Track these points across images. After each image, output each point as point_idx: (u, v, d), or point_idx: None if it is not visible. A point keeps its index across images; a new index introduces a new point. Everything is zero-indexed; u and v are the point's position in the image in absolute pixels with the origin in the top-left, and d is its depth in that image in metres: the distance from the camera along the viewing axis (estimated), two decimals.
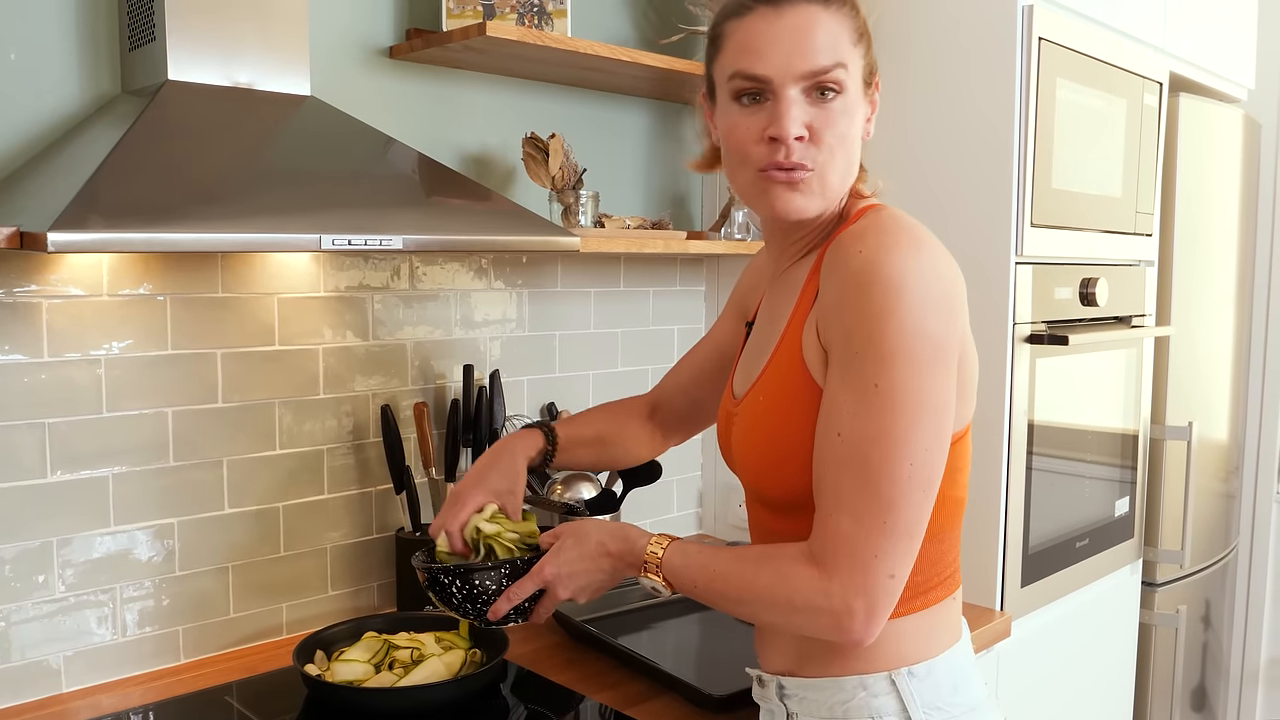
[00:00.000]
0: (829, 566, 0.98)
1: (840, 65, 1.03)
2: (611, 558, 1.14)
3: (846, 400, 0.97)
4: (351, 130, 1.51)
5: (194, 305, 1.57)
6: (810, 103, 1.04)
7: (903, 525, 0.97)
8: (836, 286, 1.00)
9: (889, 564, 0.97)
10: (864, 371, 0.96)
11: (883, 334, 0.95)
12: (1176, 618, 2.48)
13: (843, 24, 1.05)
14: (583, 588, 1.16)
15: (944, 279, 0.99)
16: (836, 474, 0.98)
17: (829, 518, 0.98)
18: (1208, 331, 2.62)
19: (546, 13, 1.78)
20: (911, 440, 0.96)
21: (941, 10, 1.91)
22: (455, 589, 1.20)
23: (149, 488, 1.54)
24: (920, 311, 0.95)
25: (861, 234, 1.01)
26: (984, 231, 1.87)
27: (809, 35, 1.03)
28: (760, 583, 1.02)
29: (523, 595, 1.17)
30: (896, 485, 0.96)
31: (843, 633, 0.99)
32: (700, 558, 1.08)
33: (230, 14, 1.42)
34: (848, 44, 1.05)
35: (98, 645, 1.51)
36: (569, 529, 1.19)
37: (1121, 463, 2.29)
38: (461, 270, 1.89)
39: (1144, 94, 2.19)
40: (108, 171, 1.18)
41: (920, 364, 0.96)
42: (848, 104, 1.05)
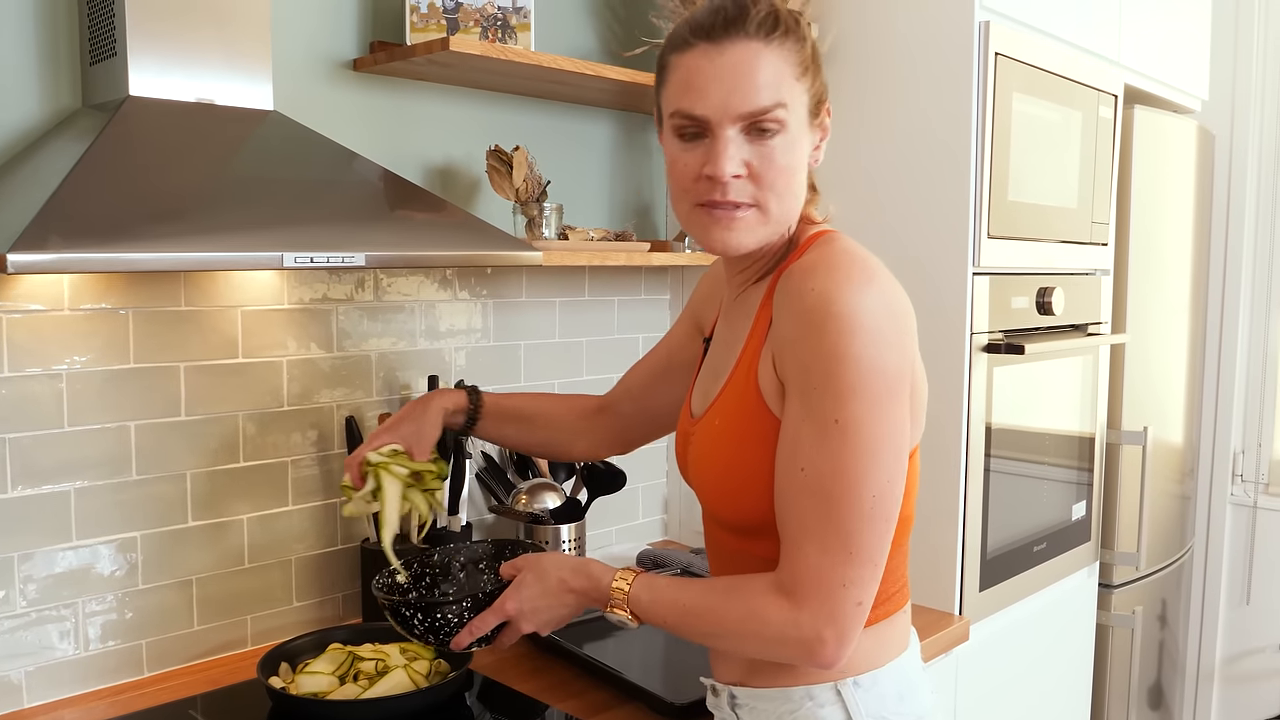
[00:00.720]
0: (798, 597, 1.00)
1: (780, 105, 1.03)
2: (575, 594, 1.16)
3: (807, 435, 0.99)
4: (314, 145, 1.52)
5: (156, 319, 1.57)
6: (750, 140, 1.04)
7: (867, 554, 0.99)
8: (790, 322, 1.01)
9: (855, 592, 0.99)
10: (823, 407, 0.98)
11: (839, 371, 0.97)
12: (1133, 618, 2.53)
13: (785, 59, 1.04)
14: (545, 622, 1.18)
15: (895, 312, 1.01)
16: (801, 506, 1.00)
17: (796, 550, 1.00)
18: (1162, 338, 2.67)
19: (510, 26, 1.79)
20: (872, 473, 0.98)
21: (899, 26, 1.94)
22: (417, 621, 1.22)
23: (111, 502, 1.54)
24: (874, 347, 0.97)
25: (813, 269, 1.02)
26: (941, 243, 1.90)
27: (748, 75, 1.02)
28: (731, 616, 1.04)
29: (485, 629, 1.20)
30: (860, 516, 0.98)
31: (814, 659, 1.02)
32: (668, 593, 1.09)
33: (192, 28, 1.42)
34: (790, 79, 1.04)
35: (60, 660, 1.51)
36: (528, 564, 1.20)
37: (1078, 467, 2.33)
38: (426, 282, 1.90)
39: (1099, 106, 2.23)
40: (68, 190, 1.18)
41: (878, 398, 0.98)
42: (789, 139, 1.05)
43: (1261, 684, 3.08)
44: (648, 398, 1.47)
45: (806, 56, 1.06)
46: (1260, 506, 3.05)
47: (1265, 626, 3.07)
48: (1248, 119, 3.01)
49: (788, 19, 1.05)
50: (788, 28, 1.04)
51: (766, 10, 1.04)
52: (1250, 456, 3.09)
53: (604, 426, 1.52)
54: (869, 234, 1.98)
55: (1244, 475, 3.10)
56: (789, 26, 1.04)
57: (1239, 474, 3.10)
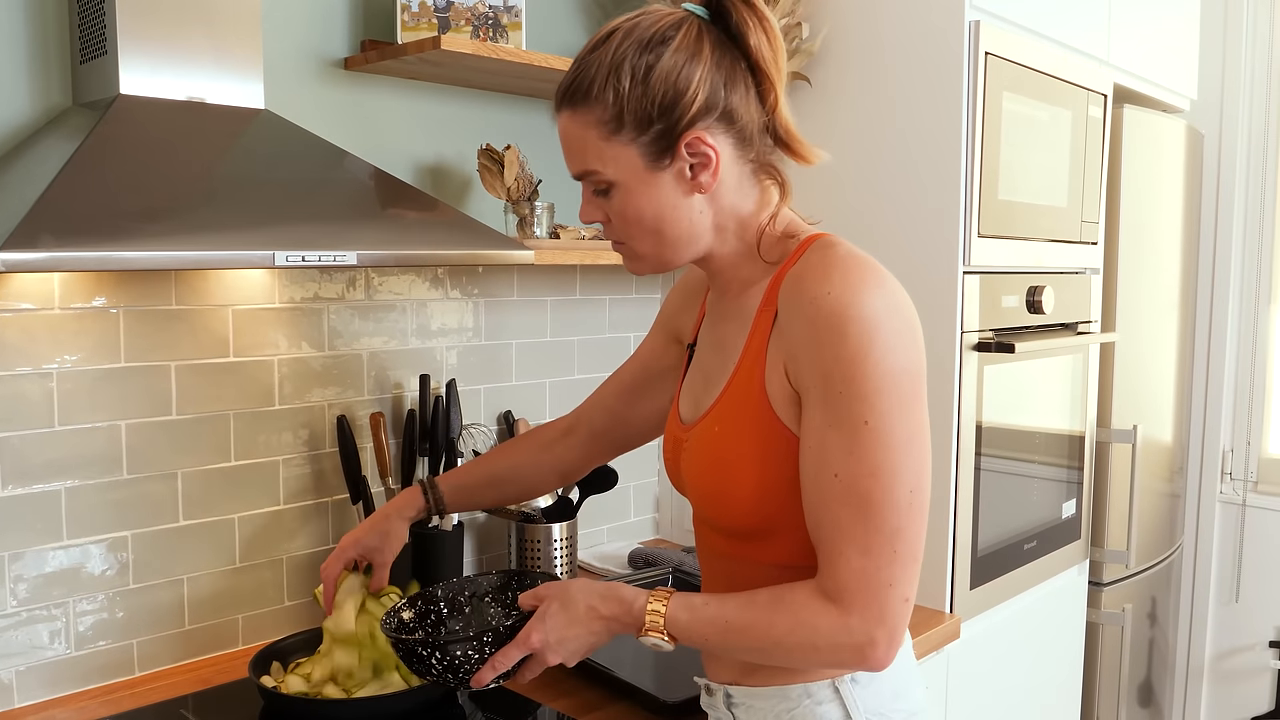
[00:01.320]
0: (846, 602, 1.00)
1: (589, 171, 1.09)
2: (605, 620, 1.11)
3: (836, 441, 0.99)
4: (305, 143, 1.52)
5: (147, 317, 1.57)
6: (596, 193, 1.11)
7: (909, 550, 1.00)
8: (805, 328, 1.01)
9: (902, 589, 1.00)
10: (851, 411, 0.98)
11: (864, 373, 0.98)
12: (1122, 616, 2.54)
13: (590, 124, 1.06)
14: (573, 652, 1.13)
15: (907, 314, 1.03)
16: (837, 512, 1.00)
17: (838, 555, 1.00)
18: (1152, 336, 2.68)
19: (501, 25, 1.79)
20: (906, 468, 0.99)
21: (890, 26, 1.94)
22: (435, 661, 1.15)
23: (102, 501, 1.54)
24: (895, 348, 0.99)
25: (824, 274, 1.02)
26: (932, 242, 1.90)
27: (564, 143, 1.10)
28: (778, 629, 1.02)
29: (509, 664, 1.13)
30: (899, 513, 0.99)
31: (867, 663, 1.01)
32: (707, 611, 1.07)
33: (183, 27, 1.42)
34: (597, 142, 1.06)
35: (51, 659, 1.51)
36: (553, 592, 1.14)
37: (1068, 466, 2.34)
38: (417, 280, 1.90)
39: (1089, 105, 2.24)
40: (59, 189, 1.18)
41: (903, 397, 0.99)
42: (625, 191, 1.08)
43: (1250, 681, 3.10)
44: (625, 409, 1.46)
45: (616, 110, 1.04)
46: (1249, 504, 3.07)
47: (1254, 624, 3.08)
48: (1236, 118, 3.02)
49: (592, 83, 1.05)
50: (586, 91, 1.05)
51: (570, 78, 1.07)
52: (1239, 455, 3.10)
53: (573, 447, 1.50)
54: (859, 233, 1.99)
55: (1233, 473, 3.11)
56: (591, 91, 1.05)
57: (1228, 472, 3.12)
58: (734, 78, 1.06)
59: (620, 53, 1.04)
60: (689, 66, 1.04)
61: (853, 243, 1.11)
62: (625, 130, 1.05)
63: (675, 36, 1.04)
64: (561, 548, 1.94)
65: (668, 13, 1.07)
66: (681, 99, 1.04)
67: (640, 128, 1.05)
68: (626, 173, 1.07)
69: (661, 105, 1.04)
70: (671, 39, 1.04)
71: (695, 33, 1.05)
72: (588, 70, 1.06)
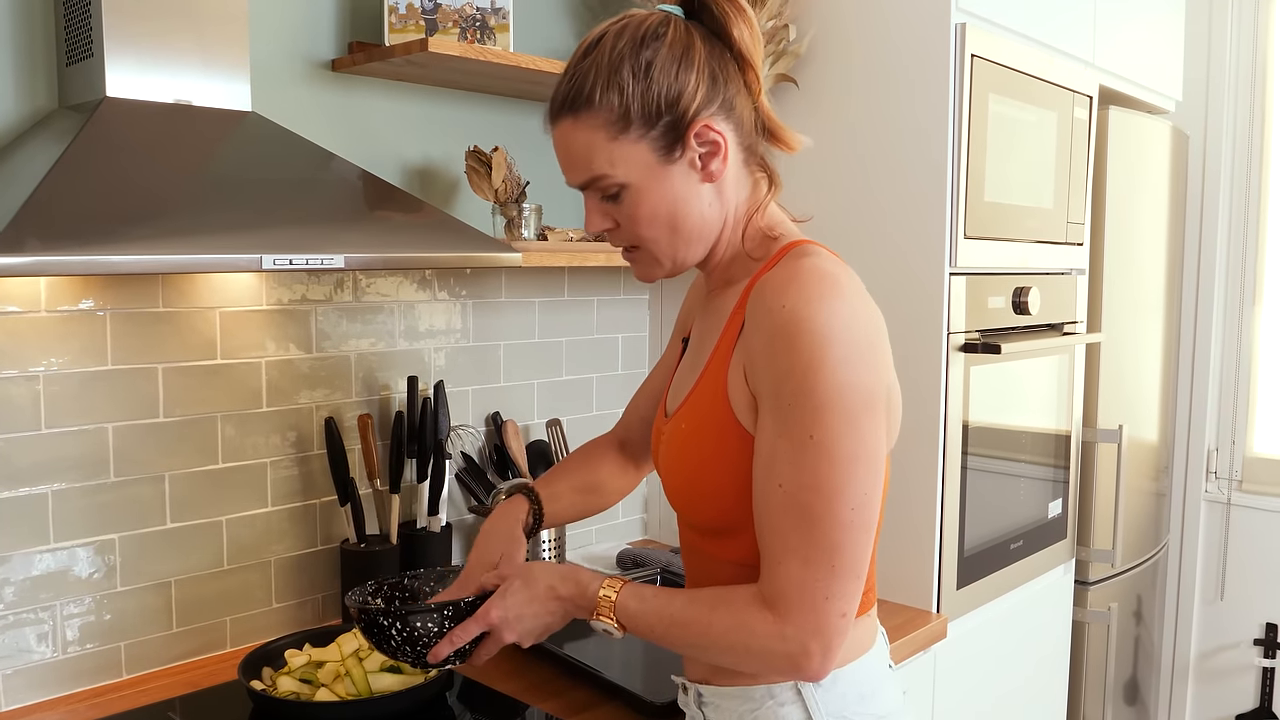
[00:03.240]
0: (782, 610, 1.00)
1: (597, 177, 1.08)
2: (561, 601, 1.13)
3: (783, 451, 1.00)
4: (292, 146, 1.51)
5: (134, 320, 1.56)
6: (605, 200, 1.10)
7: (848, 566, 1.00)
8: (762, 339, 1.02)
9: (839, 604, 1.00)
10: (799, 423, 0.99)
11: (812, 387, 0.98)
12: (1108, 615, 2.55)
13: (594, 130, 1.06)
14: (529, 631, 1.15)
15: (866, 328, 1.02)
16: (780, 522, 1.00)
17: (778, 564, 1.01)
18: (1137, 336, 2.70)
19: (489, 27, 1.79)
20: (850, 486, 0.99)
21: (876, 28, 1.95)
22: (395, 631, 1.16)
23: (89, 504, 1.54)
24: (847, 363, 0.98)
25: (784, 286, 1.02)
26: (918, 244, 1.91)
27: (566, 153, 1.10)
28: (716, 629, 1.04)
29: (466, 638, 1.15)
30: (840, 529, 0.99)
31: (800, 672, 1.02)
32: (655, 602, 1.09)
33: (169, 29, 1.41)
34: (604, 144, 1.06)
35: (38, 663, 1.50)
36: (516, 571, 1.17)
37: (1054, 465, 2.36)
38: (405, 282, 1.90)
39: (1074, 107, 2.25)
40: (45, 191, 1.18)
41: (852, 414, 0.99)
42: (636, 192, 1.08)
43: (1235, 679, 3.12)
44: None
45: (623, 109, 1.05)
46: (1234, 503, 3.09)
47: (1239, 622, 3.10)
48: (1221, 119, 3.04)
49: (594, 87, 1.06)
50: (588, 97, 1.06)
51: (567, 88, 1.08)
52: (1224, 453, 3.12)
53: (630, 458, 1.49)
54: (846, 235, 2.01)
55: (1218, 472, 3.13)
56: (594, 95, 1.06)
57: (1213, 471, 3.14)
58: (725, 68, 1.09)
59: (617, 54, 1.05)
60: (686, 59, 1.06)
61: (838, 244, 1.13)
62: (633, 128, 1.06)
63: (667, 33, 1.06)
64: (550, 548, 1.94)
65: (648, 15, 1.09)
66: (685, 90, 1.06)
67: (648, 123, 1.06)
68: (638, 170, 1.07)
69: (668, 98, 1.05)
70: (664, 35, 1.06)
71: (683, 28, 1.08)
72: (585, 76, 1.06)
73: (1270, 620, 3.04)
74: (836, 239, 2.06)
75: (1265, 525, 3.04)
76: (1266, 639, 3.04)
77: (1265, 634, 3.05)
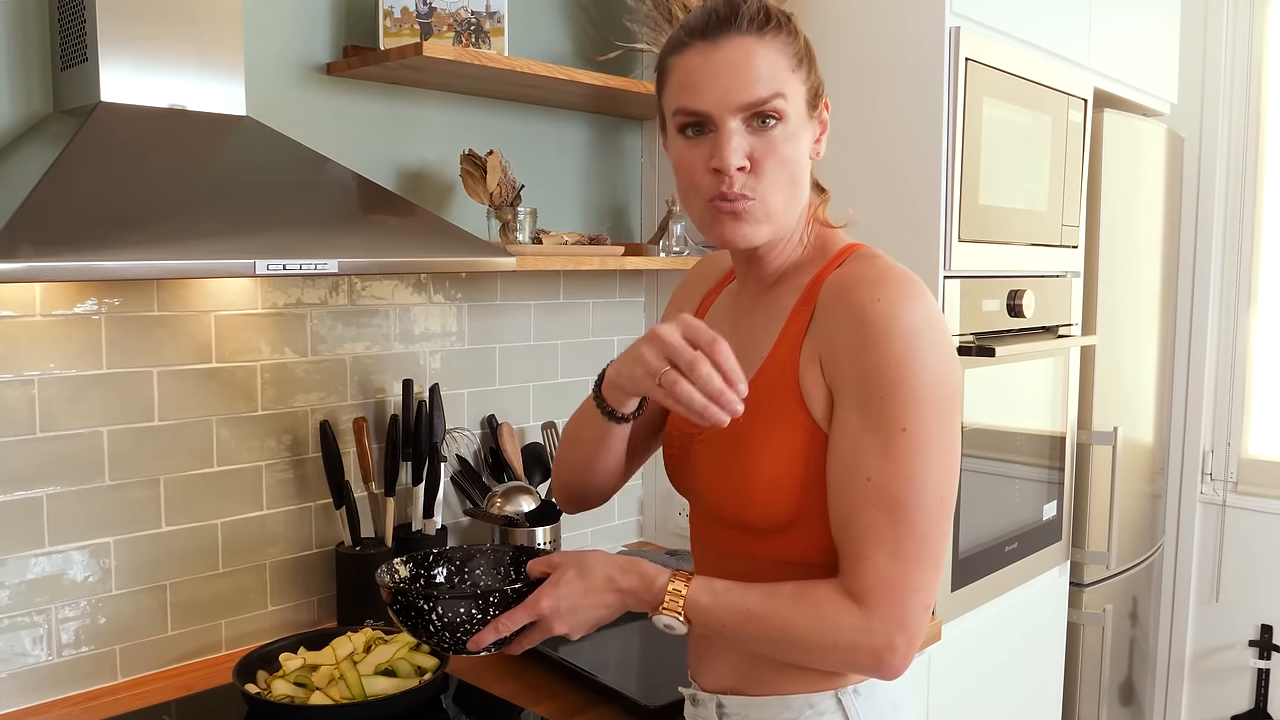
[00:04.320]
0: (870, 604, 1.00)
1: (778, 95, 1.05)
2: (621, 593, 1.09)
3: (870, 445, 1.00)
4: (287, 151, 1.52)
5: (129, 324, 1.56)
6: (751, 131, 1.05)
7: (933, 557, 1.01)
8: (849, 332, 1.02)
9: (924, 596, 1.01)
10: (889, 417, 1.00)
11: (905, 382, 0.99)
12: (1103, 616, 2.55)
13: (781, 52, 1.06)
14: (581, 623, 1.10)
15: (943, 328, 1.05)
16: (869, 515, 1.00)
17: (865, 557, 1.00)
18: (1132, 338, 2.70)
19: (484, 31, 1.80)
20: (938, 475, 1.01)
21: (871, 31, 1.96)
22: (435, 616, 1.10)
23: (85, 507, 1.54)
24: (936, 359, 1.01)
25: (874, 283, 1.03)
26: (913, 247, 1.92)
27: (745, 68, 1.04)
28: (799, 623, 1.02)
29: (512, 627, 1.09)
30: (929, 519, 1.00)
31: (883, 667, 1.02)
32: (729, 597, 1.06)
33: (164, 34, 1.41)
34: (786, 71, 1.06)
35: (33, 666, 1.51)
36: (569, 560, 1.11)
37: (1049, 467, 2.36)
38: (401, 285, 1.90)
39: (1069, 110, 2.26)
40: (39, 197, 1.18)
41: (941, 407, 1.01)
42: (789, 130, 1.06)
43: (1230, 680, 3.12)
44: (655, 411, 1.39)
45: (801, 49, 1.08)
46: (1229, 504, 3.09)
47: (1234, 623, 3.11)
48: (1216, 122, 3.05)
49: (779, 15, 1.07)
50: (780, 23, 1.07)
51: (758, 7, 1.07)
52: (1219, 455, 3.13)
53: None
54: None
55: (1213, 474, 3.14)
56: (780, 22, 1.07)
57: (1208, 472, 3.14)
58: None
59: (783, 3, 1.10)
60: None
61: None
62: (802, 69, 1.08)
63: None
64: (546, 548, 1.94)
65: None
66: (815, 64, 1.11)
67: (809, 72, 1.09)
68: (796, 110, 1.07)
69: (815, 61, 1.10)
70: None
71: None
72: (761, 5, 1.07)
73: (1265, 621, 3.05)
74: None
75: (1260, 527, 3.05)
76: (1261, 640, 3.05)
77: (1260, 635, 3.05)
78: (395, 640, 1.53)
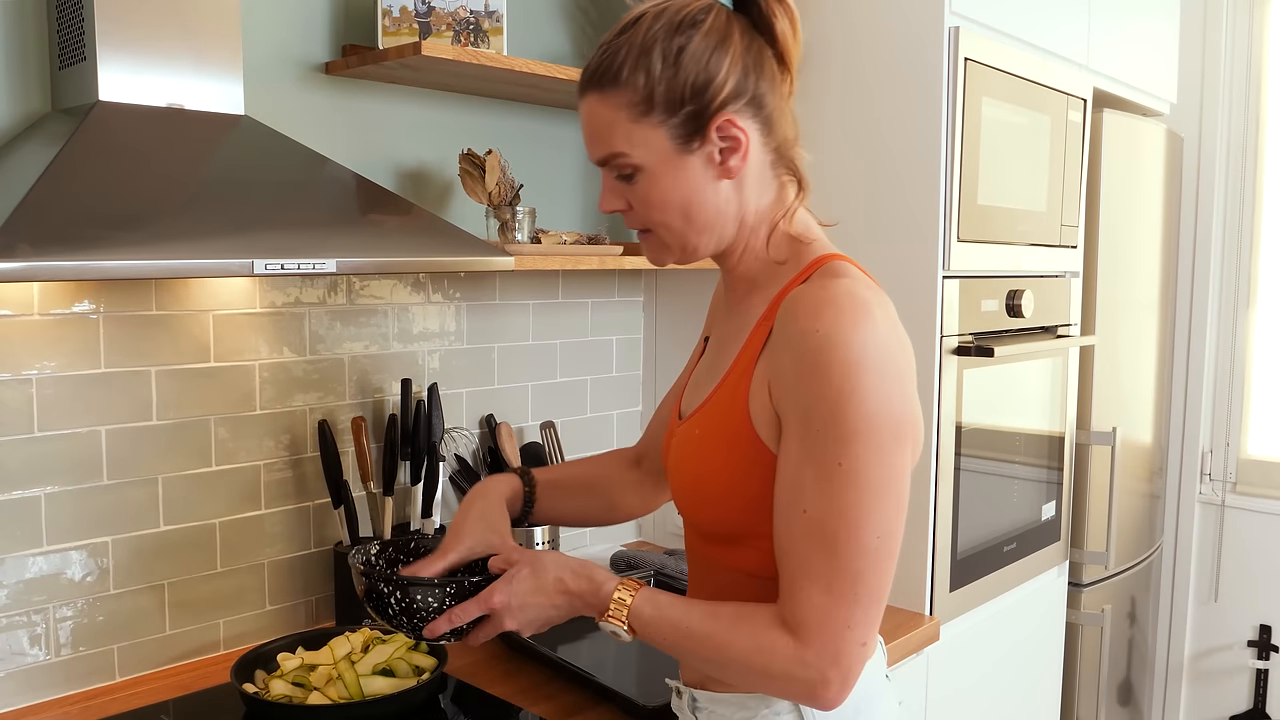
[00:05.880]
0: (803, 636, 0.99)
1: (615, 154, 1.07)
2: (569, 595, 1.11)
3: (810, 477, 0.99)
4: (285, 150, 1.52)
5: (127, 323, 1.56)
6: (619, 179, 1.10)
7: (871, 594, 0.99)
8: (793, 360, 1.00)
9: (860, 633, 0.99)
10: (828, 450, 0.97)
11: (844, 415, 0.97)
12: (1102, 617, 2.56)
13: (620, 106, 1.05)
14: (530, 621, 1.12)
15: (898, 357, 1.01)
16: (804, 547, 0.99)
17: (800, 590, 0.99)
18: (1131, 338, 2.70)
19: (483, 30, 1.80)
20: (876, 515, 0.98)
21: (870, 31, 1.95)
22: (394, 600, 1.15)
23: (83, 507, 1.54)
24: (879, 392, 0.97)
25: (819, 308, 1.00)
26: (912, 247, 1.92)
27: (589, 127, 1.09)
28: (735, 647, 1.02)
29: (465, 619, 1.12)
30: (864, 558, 0.98)
31: (816, 700, 1.01)
32: (672, 612, 1.06)
33: (162, 33, 1.41)
34: (625, 124, 1.06)
35: (30, 665, 1.50)
36: (526, 557, 1.14)
37: (1048, 467, 2.36)
38: (399, 285, 1.90)
39: (1068, 110, 2.25)
40: (37, 196, 1.18)
41: (882, 443, 0.98)
42: (652, 176, 1.07)
43: (1229, 680, 3.12)
44: None
45: (646, 94, 1.05)
46: (1228, 505, 3.10)
47: (1232, 623, 3.11)
48: (1215, 121, 3.05)
49: (622, 65, 1.05)
50: (615, 74, 1.05)
51: (598, 61, 1.07)
52: (1218, 455, 3.13)
53: (648, 475, 1.44)
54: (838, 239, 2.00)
55: (1212, 474, 3.14)
56: (620, 73, 1.05)
57: (1207, 473, 3.14)
58: (761, 64, 1.08)
59: (650, 35, 1.05)
60: (720, 50, 1.05)
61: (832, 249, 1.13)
62: (655, 112, 1.05)
63: (705, 20, 1.05)
64: (543, 548, 1.94)
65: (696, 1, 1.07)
66: (713, 81, 1.05)
67: (671, 110, 1.05)
68: (655, 156, 1.07)
69: (694, 87, 1.04)
70: (702, 22, 1.05)
71: (724, 17, 1.06)
72: (617, 53, 1.06)
73: (1264, 622, 3.05)
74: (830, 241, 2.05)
75: (1259, 527, 3.05)
76: (1260, 640, 3.05)
77: (1259, 635, 3.06)
78: (393, 640, 1.53)
